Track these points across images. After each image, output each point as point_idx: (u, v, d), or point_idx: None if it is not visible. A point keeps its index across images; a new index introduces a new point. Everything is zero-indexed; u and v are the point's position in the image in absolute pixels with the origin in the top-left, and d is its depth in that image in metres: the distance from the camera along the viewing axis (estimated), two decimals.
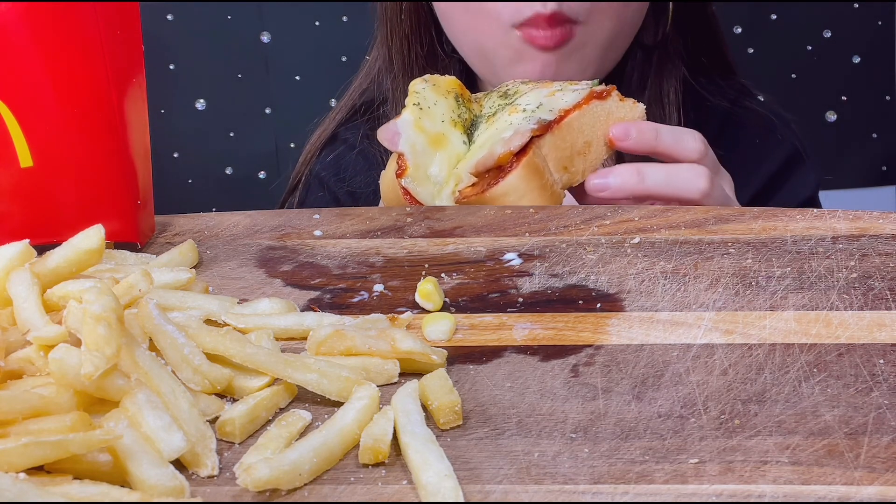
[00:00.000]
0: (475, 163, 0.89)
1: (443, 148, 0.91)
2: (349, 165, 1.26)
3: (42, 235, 0.81)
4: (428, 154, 0.90)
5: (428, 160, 0.90)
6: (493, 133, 0.91)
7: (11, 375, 0.62)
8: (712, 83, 1.26)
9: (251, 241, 0.86)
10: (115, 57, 0.81)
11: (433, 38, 1.20)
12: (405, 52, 1.20)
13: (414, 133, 0.90)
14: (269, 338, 0.68)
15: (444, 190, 0.90)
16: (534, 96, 0.94)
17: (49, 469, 0.55)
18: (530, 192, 0.88)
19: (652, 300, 0.74)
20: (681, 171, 0.92)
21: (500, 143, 0.88)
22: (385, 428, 0.58)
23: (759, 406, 0.61)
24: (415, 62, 1.20)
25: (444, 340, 0.70)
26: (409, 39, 1.20)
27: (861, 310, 0.71)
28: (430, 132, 0.91)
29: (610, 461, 0.56)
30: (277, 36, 2.06)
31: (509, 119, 0.92)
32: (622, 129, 0.92)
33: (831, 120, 2.11)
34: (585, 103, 0.91)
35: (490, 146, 0.89)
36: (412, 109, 0.92)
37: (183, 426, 0.57)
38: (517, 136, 0.89)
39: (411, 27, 1.20)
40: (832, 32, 2.08)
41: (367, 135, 1.26)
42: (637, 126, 0.93)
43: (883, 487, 0.54)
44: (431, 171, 0.90)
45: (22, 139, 0.81)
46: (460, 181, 0.90)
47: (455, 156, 0.91)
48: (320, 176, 1.28)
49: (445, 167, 0.90)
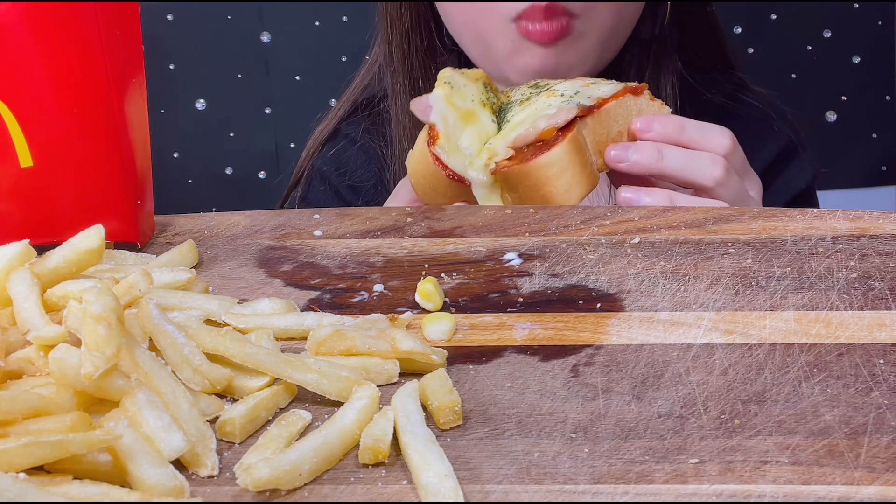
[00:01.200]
0: (515, 137, 0.91)
1: (473, 123, 0.92)
2: (350, 160, 1.27)
3: (42, 235, 0.81)
4: (459, 127, 0.92)
5: (458, 133, 0.92)
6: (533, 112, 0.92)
7: (11, 375, 0.62)
8: (709, 78, 1.26)
9: (251, 241, 0.86)
10: (115, 57, 0.81)
11: (433, 33, 1.20)
12: (405, 47, 1.21)
13: (445, 107, 0.92)
14: (269, 338, 0.68)
15: (475, 161, 0.91)
16: (570, 85, 0.96)
17: (49, 469, 0.55)
18: (571, 167, 0.89)
19: (652, 300, 0.74)
20: (700, 158, 0.93)
21: (544, 119, 0.90)
22: (385, 428, 0.58)
23: (759, 406, 0.61)
24: (414, 56, 1.21)
25: (444, 340, 0.70)
26: (409, 34, 1.21)
27: (861, 310, 0.71)
28: (461, 108, 0.93)
29: (610, 461, 0.56)
30: (277, 36, 2.07)
31: (549, 101, 0.94)
32: (645, 121, 0.93)
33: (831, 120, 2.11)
34: (622, 94, 0.94)
35: (532, 121, 0.91)
36: (443, 87, 0.95)
37: (183, 426, 0.57)
38: (562, 113, 0.91)
39: (411, 21, 1.21)
40: (832, 32, 2.08)
41: (368, 130, 1.26)
42: (661, 119, 0.94)
43: (883, 487, 0.54)
44: (462, 143, 0.92)
45: (22, 139, 0.81)
46: (494, 155, 0.91)
47: (484, 133, 0.93)
48: (322, 170, 1.28)
49: (476, 141, 0.92)
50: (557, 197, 0.90)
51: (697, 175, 0.93)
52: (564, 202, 0.90)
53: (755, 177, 0.99)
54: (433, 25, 1.20)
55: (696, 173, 0.93)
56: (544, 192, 0.90)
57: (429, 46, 1.21)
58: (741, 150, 0.96)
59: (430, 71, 1.19)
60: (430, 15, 1.20)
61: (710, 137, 0.94)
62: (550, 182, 0.89)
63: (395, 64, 1.22)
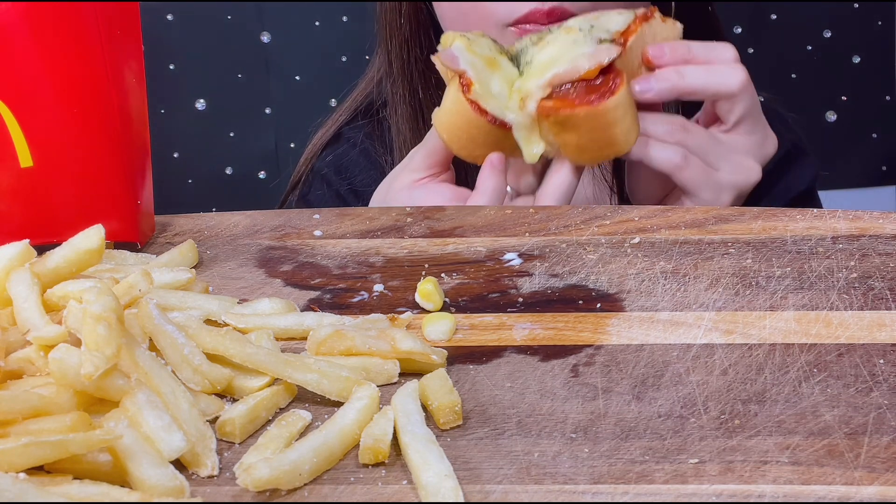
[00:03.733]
0: (552, 76, 0.91)
1: (496, 69, 0.94)
2: (351, 163, 1.26)
3: (42, 235, 0.81)
4: (487, 73, 0.93)
5: (488, 78, 0.93)
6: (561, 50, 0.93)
7: (11, 375, 0.62)
8: None
9: (251, 241, 0.86)
10: (115, 57, 0.81)
11: (432, 42, 1.20)
12: (404, 56, 1.20)
13: (469, 55, 0.93)
14: (269, 338, 0.68)
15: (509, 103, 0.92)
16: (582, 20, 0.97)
17: (49, 469, 0.55)
18: (631, 109, 0.91)
19: (652, 300, 0.74)
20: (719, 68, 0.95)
21: (586, 58, 0.91)
22: (385, 428, 0.58)
23: (759, 406, 0.61)
24: (414, 65, 1.20)
25: (444, 340, 0.70)
26: (409, 43, 1.20)
27: (861, 310, 0.71)
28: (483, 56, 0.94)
29: (610, 461, 0.56)
30: (277, 36, 2.06)
31: (571, 37, 0.94)
32: (658, 48, 0.95)
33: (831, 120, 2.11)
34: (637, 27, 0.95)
35: (571, 61, 0.91)
36: (460, 38, 0.96)
37: (183, 426, 0.57)
38: (603, 52, 0.92)
39: (410, 30, 1.20)
40: (832, 32, 2.08)
41: (369, 135, 1.26)
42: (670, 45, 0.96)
43: (883, 487, 0.54)
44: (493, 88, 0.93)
45: (22, 139, 0.81)
46: (528, 95, 0.92)
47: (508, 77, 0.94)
48: (322, 173, 1.28)
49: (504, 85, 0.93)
50: (620, 137, 0.91)
51: (721, 83, 0.95)
52: (625, 143, 0.91)
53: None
54: (433, 34, 1.20)
55: (720, 82, 0.95)
56: (610, 133, 0.91)
57: (428, 55, 1.21)
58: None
59: (430, 81, 1.18)
60: (429, 23, 1.20)
61: (718, 51, 0.96)
62: (616, 124, 0.90)
63: (395, 74, 1.22)
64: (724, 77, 0.95)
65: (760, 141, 0.98)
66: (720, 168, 0.95)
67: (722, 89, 0.95)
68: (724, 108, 0.96)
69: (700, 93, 0.96)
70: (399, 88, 1.21)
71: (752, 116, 0.97)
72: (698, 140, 0.95)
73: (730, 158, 0.95)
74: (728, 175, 0.95)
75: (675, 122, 0.95)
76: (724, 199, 0.95)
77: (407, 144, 1.20)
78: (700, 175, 0.94)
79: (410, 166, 1.01)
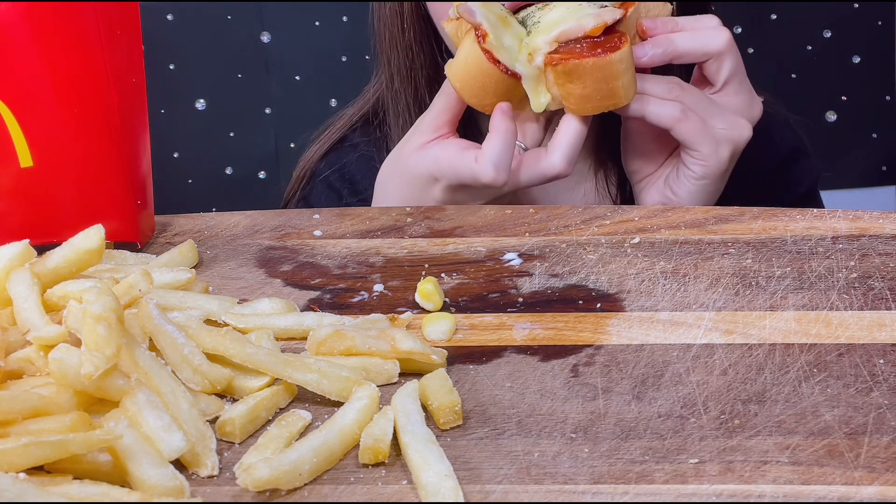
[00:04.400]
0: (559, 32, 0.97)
1: (508, 27, 1.00)
2: (352, 166, 1.26)
3: (42, 235, 0.81)
4: (499, 28, 0.99)
5: (500, 33, 0.99)
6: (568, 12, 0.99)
7: (11, 375, 0.62)
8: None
9: (251, 241, 0.86)
10: (115, 57, 0.81)
11: (434, 49, 1.20)
12: (408, 64, 1.20)
13: (484, 10, 0.99)
14: (269, 338, 0.68)
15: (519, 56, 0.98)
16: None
17: (49, 469, 0.55)
18: (631, 67, 0.97)
19: (652, 300, 0.74)
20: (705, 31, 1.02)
21: (591, 18, 0.98)
22: (385, 428, 0.58)
23: (759, 406, 0.61)
24: (419, 73, 1.20)
25: (444, 340, 0.70)
26: (413, 50, 1.20)
27: (861, 310, 0.71)
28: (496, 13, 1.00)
29: (610, 461, 0.56)
30: (277, 36, 2.06)
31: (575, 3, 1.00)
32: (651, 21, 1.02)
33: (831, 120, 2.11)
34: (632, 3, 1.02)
35: (577, 20, 0.98)
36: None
37: (183, 426, 0.57)
38: (608, 13, 0.98)
39: (413, 38, 1.20)
40: (832, 32, 2.08)
41: (369, 143, 1.26)
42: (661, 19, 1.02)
43: (883, 487, 0.54)
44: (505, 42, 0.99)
45: (22, 139, 0.81)
46: (536, 50, 0.97)
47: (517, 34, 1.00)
48: (325, 175, 1.28)
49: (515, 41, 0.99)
50: (621, 91, 0.96)
51: (707, 43, 1.01)
52: (624, 97, 0.96)
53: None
54: (434, 42, 1.20)
55: (706, 42, 1.01)
56: (612, 86, 0.96)
57: (431, 63, 1.20)
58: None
59: (434, 87, 1.18)
60: (430, 31, 1.20)
61: (703, 21, 1.02)
62: (619, 76, 0.95)
63: (397, 84, 1.21)
64: (710, 38, 1.01)
65: (748, 102, 1.03)
66: (715, 124, 1.00)
67: (709, 48, 1.01)
68: (712, 68, 1.02)
69: (690, 54, 1.01)
70: (402, 98, 1.21)
71: (737, 76, 1.02)
72: (694, 97, 1.00)
73: (723, 116, 1.00)
74: (722, 130, 0.99)
75: (672, 81, 1.00)
76: (723, 152, 0.99)
77: None
78: (698, 127, 0.98)
79: (419, 129, 1.03)
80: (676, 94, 0.99)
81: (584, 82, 0.95)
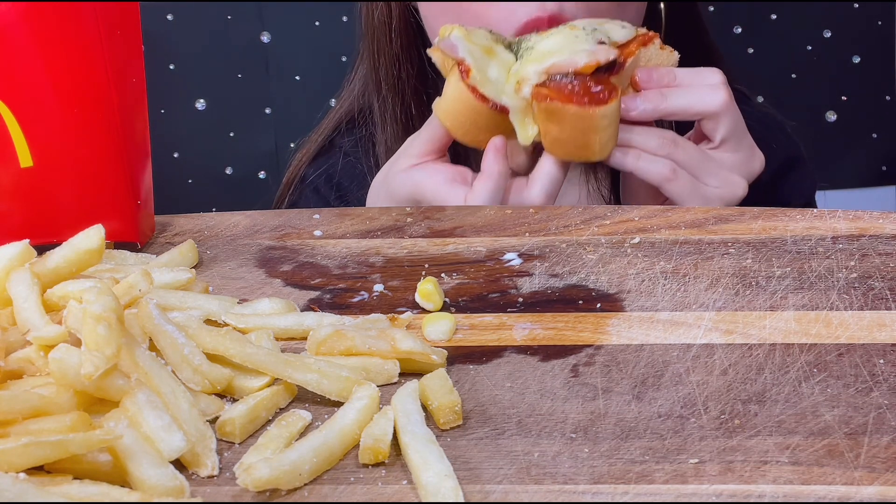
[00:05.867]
0: (550, 64, 0.94)
1: (494, 57, 0.97)
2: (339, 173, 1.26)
3: (42, 235, 0.81)
4: (484, 60, 0.97)
5: (485, 65, 0.96)
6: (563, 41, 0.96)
7: (11, 375, 0.62)
8: None
9: (251, 241, 0.86)
10: (115, 57, 0.81)
11: (422, 58, 1.19)
12: (395, 73, 1.19)
13: (467, 44, 0.96)
14: (269, 338, 0.68)
15: (505, 87, 0.96)
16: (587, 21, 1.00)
17: (49, 469, 0.55)
18: (614, 123, 0.93)
19: (652, 300, 0.74)
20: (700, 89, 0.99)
21: (585, 54, 0.94)
22: (385, 428, 0.58)
23: (759, 406, 0.61)
24: (406, 83, 1.19)
25: (444, 340, 0.70)
26: (400, 60, 1.19)
27: (861, 310, 0.71)
28: (480, 44, 0.97)
29: (610, 461, 0.56)
30: (277, 36, 2.06)
31: (574, 33, 0.97)
32: (646, 72, 0.98)
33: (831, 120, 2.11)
34: (636, 49, 0.98)
35: (571, 53, 0.94)
36: (459, 28, 0.98)
37: (183, 426, 0.57)
38: (602, 52, 0.94)
39: (401, 47, 1.19)
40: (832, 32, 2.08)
41: (355, 149, 1.25)
42: (657, 70, 0.99)
43: (883, 487, 0.54)
44: (491, 74, 0.96)
45: (22, 139, 0.81)
46: (524, 80, 0.94)
47: (505, 64, 0.97)
48: (312, 182, 1.27)
49: (502, 71, 0.97)
50: (597, 146, 0.93)
51: (702, 103, 0.98)
52: (599, 153, 0.94)
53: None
54: (422, 50, 1.19)
55: (700, 102, 0.98)
56: (588, 138, 0.93)
57: (419, 72, 1.19)
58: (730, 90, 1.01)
59: (422, 98, 1.18)
60: (419, 38, 1.19)
61: (704, 75, 0.99)
62: (597, 132, 0.93)
63: (385, 92, 1.20)
64: (705, 98, 0.98)
65: (746, 158, 1.01)
66: (708, 182, 0.98)
67: (703, 109, 0.98)
68: (709, 126, 0.99)
69: (681, 113, 0.99)
70: (389, 105, 1.20)
71: (735, 135, 1.00)
72: (687, 154, 0.97)
73: (717, 173, 0.98)
74: (715, 189, 0.98)
75: (667, 136, 0.98)
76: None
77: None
78: (688, 187, 0.97)
79: (408, 152, 1.02)
80: (669, 151, 0.96)
81: (562, 126, 0.93)
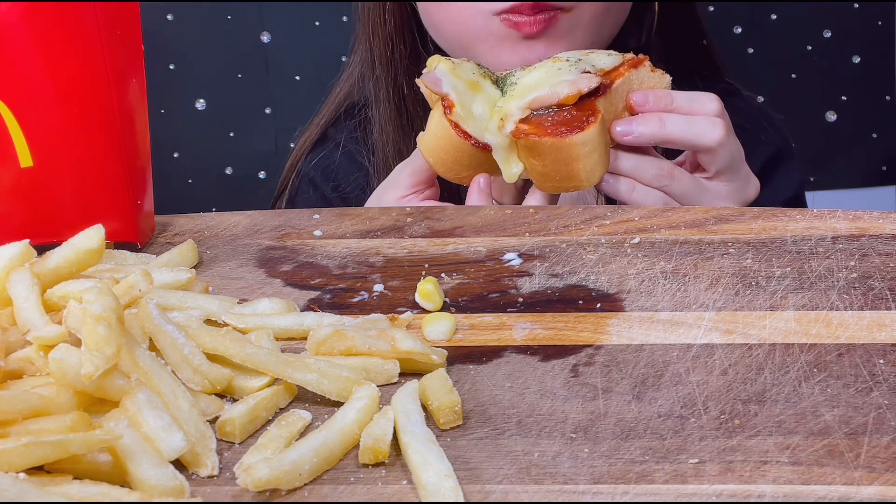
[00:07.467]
0: (532, 98, 0.93)
1: (479, 92, 0.96)
2: (336, 166, 1.26)
3: (42, 235, 0.81)
4: (469, 95, 0.95)
5: (469, 101, 0.95)
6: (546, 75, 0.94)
7: (11, 375, 0.62)
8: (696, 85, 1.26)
9: (251, 241, 0.86)
10: (115, 57, 0.81)
11: (416, 38, 1.20)
12: (388, 54, 1.20)
13: (452, 78, 0.95)
14: (269, 338, 0.68)
15: (489, 125, 0.94)
16: (572, 53, 0.99)
17: (49, 469, 0.55)
18: (599, 147, 0.92)
19: (652, 300, 0.74)
20: (700, 121, 0.98)
21: (566, 85, 0.93)
22: (385, 428, 0.58)
23: (759, 406, 0.61)
24: (399, 63, 1.20)
25: (444, 340, 0.70)
26: (393, 40, 1.20)
27: (861, 310, 0.71)
28: (466, 79, 0.96)
29: (610, 461, 0.56)
30: (277, 36, 2.06)
31: (557, 66, 0.96)
32: (640, 95, 0.97)
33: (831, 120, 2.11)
34: (626, 70, 0.97)
35: (551, 86, 0.93)
36: (445, 62, 0.97)
37: (183, 426, 0.57)
38: (583, 80, 0.93)
39: (394, 27, 1.20)
40: (832, 32, 2.08)
41: (352, 137, 1.26)
42: (654, 93, 0.98)
43: (883, 487, 0.54)
44: (474, 110, 0.95)
45: (22, 139, 0.81)
46: (508, 116, 0.93)
47: (491, 99, 0.96)
48: (309, 176, 1.28)
49: (486, 107, 0.95)
50: (582, 174, 0.92)
51: (700, 137, 0.97)
52: (587, 181, 0.92)
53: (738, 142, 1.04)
54: (416, 31, 1.19)
55: (699, 135, 0.97)
56: (572, 168, 0.92)
57: (412, 53, 1.20)
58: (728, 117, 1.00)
59: (413, 77, 1.18)
60: (412, 20, 1.20)
61: (701, 103, 0.98)
62: (579, 160, 0.91)
63: (378, 71, 1.21)
64: (703, 132, 0.97)
65: (741, 187, 1.01)
66: None
67: (699, 143, 0.98)
68: (705, 159, 0.99)
69: (678, 143, 0.98)
70: (383, 86, 1.21)
71: (732, 167, 1.00)
72: (682, 187, 0.97)
73: (711, 204, 0.98)
74: None
75: (664, 168, 0.97)
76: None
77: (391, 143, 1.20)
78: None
79: (397, 183, 1.03)
80: (664, 184, 0.96)
81: (543, 160, 0.92)
